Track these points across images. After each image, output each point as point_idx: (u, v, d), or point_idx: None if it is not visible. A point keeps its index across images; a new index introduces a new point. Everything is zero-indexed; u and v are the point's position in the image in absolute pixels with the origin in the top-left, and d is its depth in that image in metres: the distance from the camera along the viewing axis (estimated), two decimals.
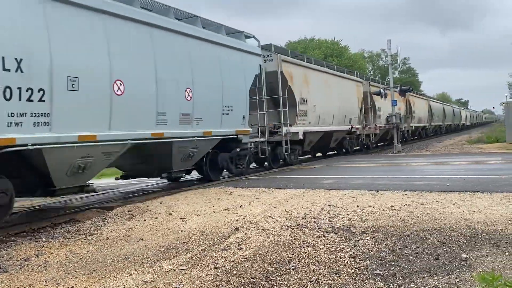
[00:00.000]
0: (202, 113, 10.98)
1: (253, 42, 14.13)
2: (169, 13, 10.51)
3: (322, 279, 4.06)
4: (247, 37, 13.82)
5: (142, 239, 6.02)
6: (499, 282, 2.76)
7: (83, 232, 6.86)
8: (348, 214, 6.58)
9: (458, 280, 3.83)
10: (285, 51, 16.87)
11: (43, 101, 7.09)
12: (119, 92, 8.49)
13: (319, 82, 18.60)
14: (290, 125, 15.58)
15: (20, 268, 5.10)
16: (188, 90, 10.49)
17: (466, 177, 9.94)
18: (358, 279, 4.02)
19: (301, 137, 16.23)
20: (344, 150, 22.40)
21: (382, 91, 22.65)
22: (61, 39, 7.45)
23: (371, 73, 72.92)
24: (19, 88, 6.72)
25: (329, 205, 7.40)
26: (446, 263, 4.28)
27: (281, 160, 16.04)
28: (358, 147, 24.27)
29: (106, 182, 14.36)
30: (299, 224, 6.10)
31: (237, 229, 6.09)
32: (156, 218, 7.36)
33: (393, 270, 4.19)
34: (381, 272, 4.15)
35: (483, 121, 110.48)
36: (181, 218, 7.12)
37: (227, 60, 12.15)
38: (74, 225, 7.46)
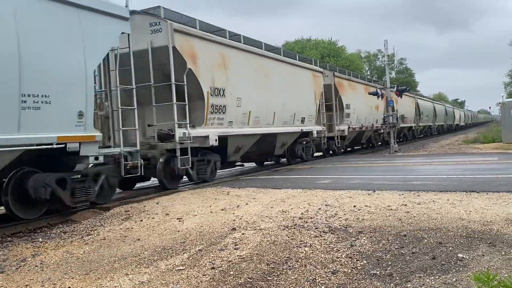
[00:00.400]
0: None
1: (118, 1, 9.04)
2: None
3: (319, 279, 4.07)
4: None
5: (139, 240, 6.02)
6: (495, 282, 2.77)
7: (80, 232, 6.85)
8: (345, 214, 6.59)
9: (454, 279, 3.84)
10: (188, 21, 11.79)
11: None
12: None
13: (250, 67, 13.68)
14: (193, 126, 11.24)
15: (17, 268, 5.09)
16: None
17: (462, 177, 9.97)
18: (355, 279, 4.03)
19: (213, 143, 11.64)
20: (298, 159, 18.02)
21: (378, 91, 22.65)
22: None
23: (368, 73, 73.10)
24: None
25: (326, 205, 7.41)
26: (443, 262, 4.29)
27: (183, 177, 11.57)
28: (321, 153, 20.82)
29: None
30: (296, 224, 6.11)
31: (234, 229, 6.09)
32: (153, 218, 7.35)
33: (389, 270, 4.20)
34: (377, 272, 4.15)
35: (478, 121, 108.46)
36: (178, 218, 7.12)
37: (38, 17, 7.19)
38: (70, 226, 7.45)
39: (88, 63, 8.01)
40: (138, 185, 12.34)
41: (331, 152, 21.45)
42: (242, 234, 5.79)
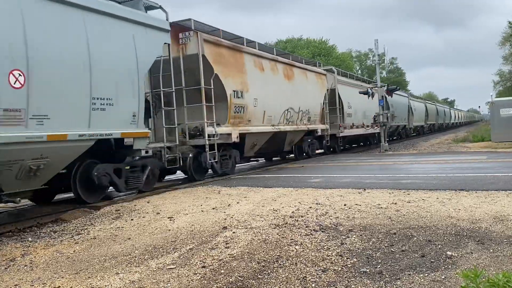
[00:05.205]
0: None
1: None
2: None
3: (310, 277, 4.09)
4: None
5: (129, 239, 6.00)
6: (482, 279, 2.81)
7: (70, 231, 6.81)
8: (335, 213, 6.62)
9: (443, 277, 3.88)
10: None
11: None
12: None
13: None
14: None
15: (6, 268, 5.05)
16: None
17: (452, 175, 10.05)
18: (345, 277, 4.05)
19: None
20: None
21: (369, 90, 22.75)
22: None
23: (359, 72, 73.40)
24: None
25: (316, 203, 7.43)
26: (432, 260, 4.33)
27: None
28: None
29: None
30: (287, 223, 6.13)
31: (225, 228, 6.10)
32: (143, 217, 7.33)
33: (379, 267, 4.23)
34: (367, 270, 4.18)
35: (458, 121, 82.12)
36: (168, 217, 7.11)
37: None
38: (60, 225, 7.41)
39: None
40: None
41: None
42: (233, 232, 5.79)
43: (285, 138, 16.89)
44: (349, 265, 4.35)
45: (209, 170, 12.71)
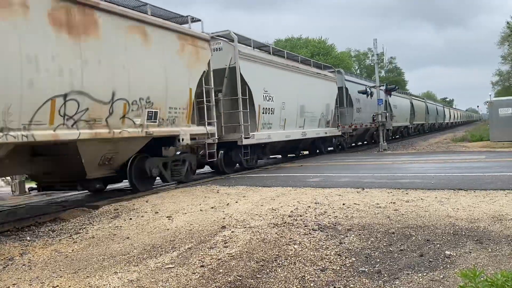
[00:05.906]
0: None
1: None
2: None
3: (308, 277, 4.08)
4: None
5: (128, 238, 5.99)
6: (481, 278, 2.81)
7: (68, 231, 6.81)
8: (334, 212, 6.62)
9: (442, 276, 3.88)
10: None
11: None
12: None
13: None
14: None
15: (4, 267, 5.04)
16: None
17: (450, 175, 10.06)
18: (344, 276, 4.05)
19: None
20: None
21: (368, 89, 22.72)
22: None
23: (358, 72, 73.43)
24: None
25: (315, 203, 7.43)
26: (430, 259, 4.33)
27: None
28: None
29: None
30: (285, 222, 6.12)
31: (223, 227, 6.09)
32: (142, 216, 7.33)
33: (378, 267, 4.23)
34: (366, 269, 4.18)
35: (454, 121, 74.01)
36: (167, 217, 7.10)
37: None
38: (59, 224, 7.40)
39: None
40: None
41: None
42: (232, 232, 5.79)
43: (79, 154, 8.46)
44: (347, 265, 4.35)
45: None
